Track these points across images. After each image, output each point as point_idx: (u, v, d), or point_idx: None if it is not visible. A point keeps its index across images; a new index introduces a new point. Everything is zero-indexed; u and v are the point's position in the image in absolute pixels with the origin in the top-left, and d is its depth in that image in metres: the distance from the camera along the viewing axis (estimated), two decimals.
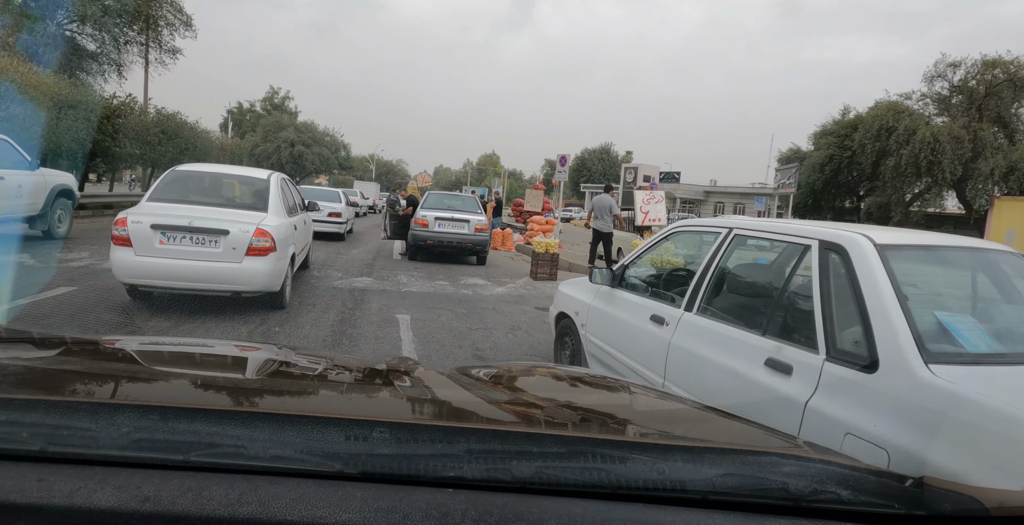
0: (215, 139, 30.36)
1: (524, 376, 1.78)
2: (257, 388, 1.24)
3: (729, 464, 0.81)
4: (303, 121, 54.24)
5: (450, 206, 12.04)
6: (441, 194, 13.78)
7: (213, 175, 6.75)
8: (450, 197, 13.36)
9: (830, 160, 32.63)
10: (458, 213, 11.60)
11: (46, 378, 1.10)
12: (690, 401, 1.53)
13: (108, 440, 0.72)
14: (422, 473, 0.73)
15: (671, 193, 54.00)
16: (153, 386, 1.16)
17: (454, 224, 11.35)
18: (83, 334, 1.93)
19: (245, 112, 60.96)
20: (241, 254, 5.48)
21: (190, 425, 0.76)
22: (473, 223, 11.40)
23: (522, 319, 7.11)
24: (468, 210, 12.08)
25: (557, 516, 0.69)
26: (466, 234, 11.38)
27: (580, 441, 0.86)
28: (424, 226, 11.35)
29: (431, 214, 11.42)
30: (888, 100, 30.47)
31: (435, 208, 11.76)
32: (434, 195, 13.11)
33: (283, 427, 0.76)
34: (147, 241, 5.35)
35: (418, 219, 11.49)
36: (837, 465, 0.85)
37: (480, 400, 1.32)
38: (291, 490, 0.68)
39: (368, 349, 5.20)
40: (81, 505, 0.63)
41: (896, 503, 0.78)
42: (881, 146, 28.60)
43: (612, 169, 72.51)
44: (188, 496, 0.66)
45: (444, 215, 11.41)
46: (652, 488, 0.75)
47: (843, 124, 33.79)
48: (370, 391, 1.32)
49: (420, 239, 11.29)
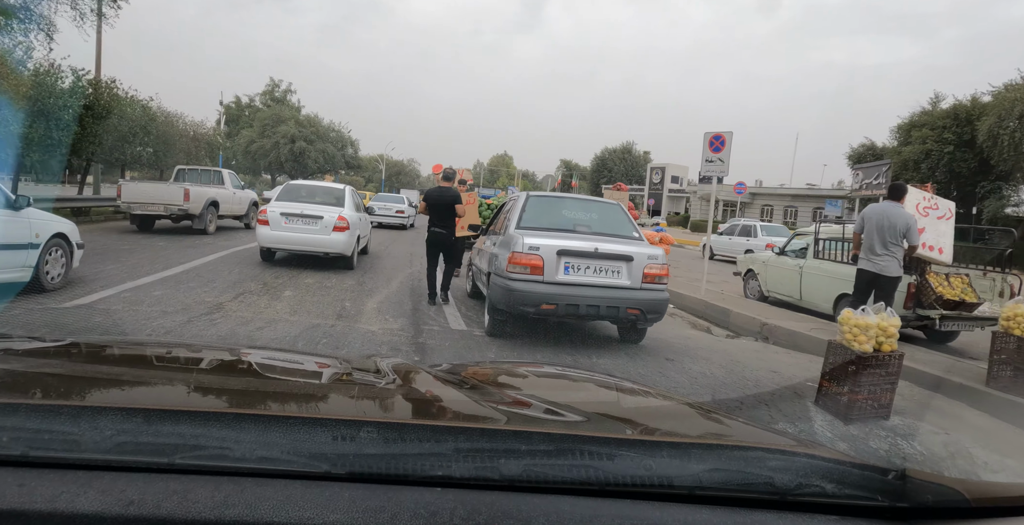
0: (201, 134, 24.84)
1: (512, 375, 1.79)
2: (243, 389, 1.20)
3: (715, 459, 0.82)
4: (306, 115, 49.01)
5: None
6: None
7: (311, 186, 11.24)
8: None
9: (927, 156, 27.60)
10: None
11: (26, 382, 1.07)
12: (677, 397, 1.58)
13: (91, 444, 0.71)
14: (410, 472, 0.72)
15: (709, 194, 49.13)
16: (136, 389, 1.12)
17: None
18: (63, 337, 1.74)
19: (243, 107, 55.88)
20: (330, 230, 9.39)
21: (175, 427, 0.75)
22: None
23: None
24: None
25: (546, 513, 0.69)
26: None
27: (568, 439, 0.86)
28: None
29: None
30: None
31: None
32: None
33: (269, 428, 0.76)
34: (278, 222, 9.36)
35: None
36: (822, 459, 0.86)
37: (468, 399, 1.30)
38: (278, 491, 0.68)
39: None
40: (63, 510, 0.63)
41: (879, 495, 0.79)
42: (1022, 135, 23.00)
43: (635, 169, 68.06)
44: (173, 499, 0.65)
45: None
46: (640, 484, 0.75)
47: (938, 115, 28.78)
48: (357, 391, 1.29)
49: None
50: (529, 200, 6.44)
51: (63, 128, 12.97)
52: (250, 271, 9.02)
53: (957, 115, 27.53)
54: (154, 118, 18.96)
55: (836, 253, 8.09)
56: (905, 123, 30.58)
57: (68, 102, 13.04)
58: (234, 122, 53.00)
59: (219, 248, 11.39)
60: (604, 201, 7.01)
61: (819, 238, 8.48)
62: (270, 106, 52.16)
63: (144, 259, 9.31)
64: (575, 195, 7.58)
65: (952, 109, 28.11)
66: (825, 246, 8.35)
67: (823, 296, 8.05)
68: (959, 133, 27.04)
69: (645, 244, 5.97)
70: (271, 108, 50.82)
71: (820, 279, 8.15)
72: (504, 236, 6.03)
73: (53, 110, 12.38)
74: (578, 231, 5.98)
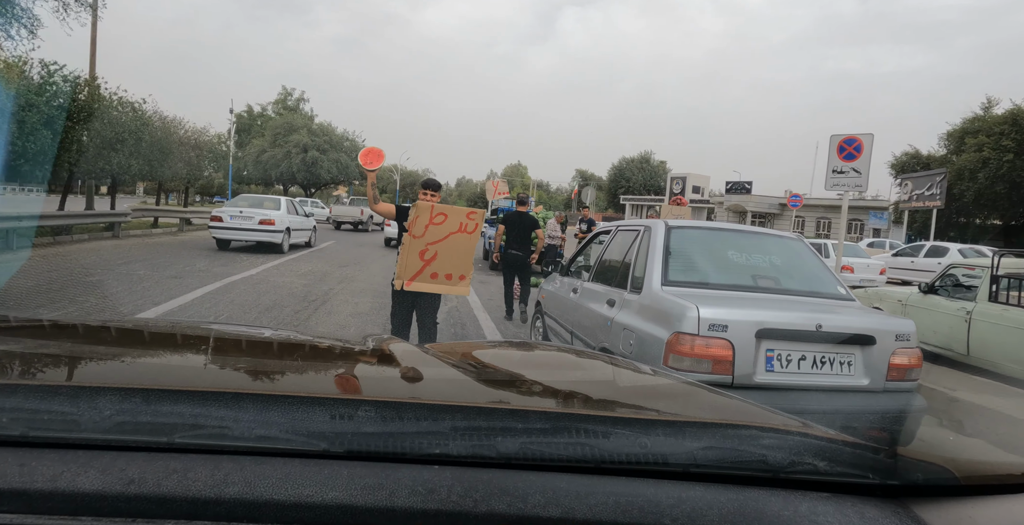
0: (204, 142, 23.20)
1: (509, 353, 1.83)
2: (241, 368, 1.21)
3: (710, 437, 0.82)
4: (320, 123, 47.56)
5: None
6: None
7: (257, 197, 16.44)
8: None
9: (984, 165, 25.46)
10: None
11: (24, 362, 1.07)
12: (673, 376, 1.55)
13: (90, 424, 0.71)
14: (408, 450, 0.73)
15: (740, 206, 47.12)
16: (135, 368, 1.13)
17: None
18: (61, 317, 1.90)
19: (255, 116, 54.71)
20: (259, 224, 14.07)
21: (173, 407, 0.75)
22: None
23: None
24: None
25: (542, 490, 0.69)
26: None
27: (564, 417, 0.87)
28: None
29: None
30: None
31: None
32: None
33: (268, 407, 0.75)
34: (228, 218, 13.99)
35: None
36: (814, 437, 0.86)
37: (465, 377, 1.33)
38: (277, 469, 0.68)
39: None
40: (64, 489, 0.63)
41: (871, 473, 0.79)
42: None
43: (653, 179, 66.40)
44: (173, 478, 0.65)
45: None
46: (635, 462, 0.76)
47: (993, 120, 26.69)
48: (355, 370, 1.30)
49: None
50: (672, 234, 3.85)
51: (28, 132, 11.08)
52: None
53: (1016, 120, 25.44)
54: (148, 123, 16.93)
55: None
56: (956, 129, 28.53)
57: (34, 100, 11.10)
58: (245, 131, 51.79)
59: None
60: (778, 234, 4.54)
61: (999, 275, 6.31)
62: (282, 115, 50.87)
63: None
64: (733, 225, 4.26)
65: (1010, 114, 26.04)
66: (1008, 285, 6.21)
67: (1013, 354, 6.01)
68: (1020, 140, 24.93)
69: (882, 313, 4.12)
70: (283, 116, 49.51)
71: (1008, 332, 6.08)
72: (639, 296, 3.65)
73: (15, 110, 10.47)
74: (761, 287, 3.71)
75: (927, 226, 25.33)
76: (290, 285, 9.57)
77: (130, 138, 15.37)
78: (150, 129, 16.98)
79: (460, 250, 4.22)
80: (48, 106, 11.50)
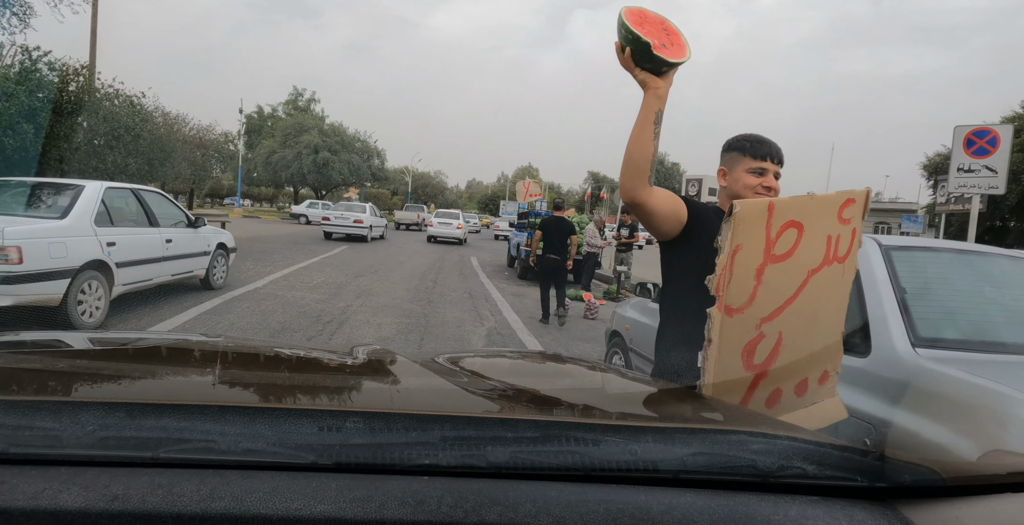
0: (210, 141, 22.28)
1: (497, 362, 1.79)
2: (226, 381, 1.18)
3: (699, 443, 0.82)
4: (331, 124, 46.69)
5: None
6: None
7: (351, 204, 23.47)
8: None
9: None
10: None
11: (4, 377, 1.05)
12: (661, 382, 1.52)
13: (72, 439, 0.70)
14: (397, 461, 0.72)
15: None
16: (118, 382, 1.10)
17: None
18: (41, 332, 1.70)
19: (265, 117, 54.00)
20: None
21: (158, 421, 0.74)
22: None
23: None
24: None
25: (532, 499, 0.68)
26: None
27: (553, 425, 0.85)
28: None
29: None
30: None
31: None
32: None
33: (254, 420, 0.75)
34: (334, 218, 20.91)
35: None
36: (803, 441, 0.85)
37: (454, 387, 1.29)
38: (264, 483, 0.66)
39: None
40: (46, 506, 0.62)
41: (859, 476, 0.79)
42: None
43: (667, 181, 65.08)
44: (158, 493, 0.64)
45: None
46: (625, 469, 0.75)
47: None
48: (342, 381, 1.29)
49: None
50: (895, 258, 2.45)
51: (7, 126, 10.02)
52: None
53: None
54: (147, 118, 15.66)
55: None
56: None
57: (12, 89, 9.99)
58: (256, 133, 51.08)
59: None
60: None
61: None
62: (292, 115, 50.12)
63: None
64: (981, 247, 2.95)
65: None
66: None
67: None
68: None
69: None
70: (293, 116, 48.74)
71: None
72: (864, 361, 2.16)
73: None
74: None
75: (963, 230, 23.98)
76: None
77: (127, 134, 14.13)
78: (150, 125, 15.85)
79: (827, 306, 1.59)
80: (30, 97, 10.46)
